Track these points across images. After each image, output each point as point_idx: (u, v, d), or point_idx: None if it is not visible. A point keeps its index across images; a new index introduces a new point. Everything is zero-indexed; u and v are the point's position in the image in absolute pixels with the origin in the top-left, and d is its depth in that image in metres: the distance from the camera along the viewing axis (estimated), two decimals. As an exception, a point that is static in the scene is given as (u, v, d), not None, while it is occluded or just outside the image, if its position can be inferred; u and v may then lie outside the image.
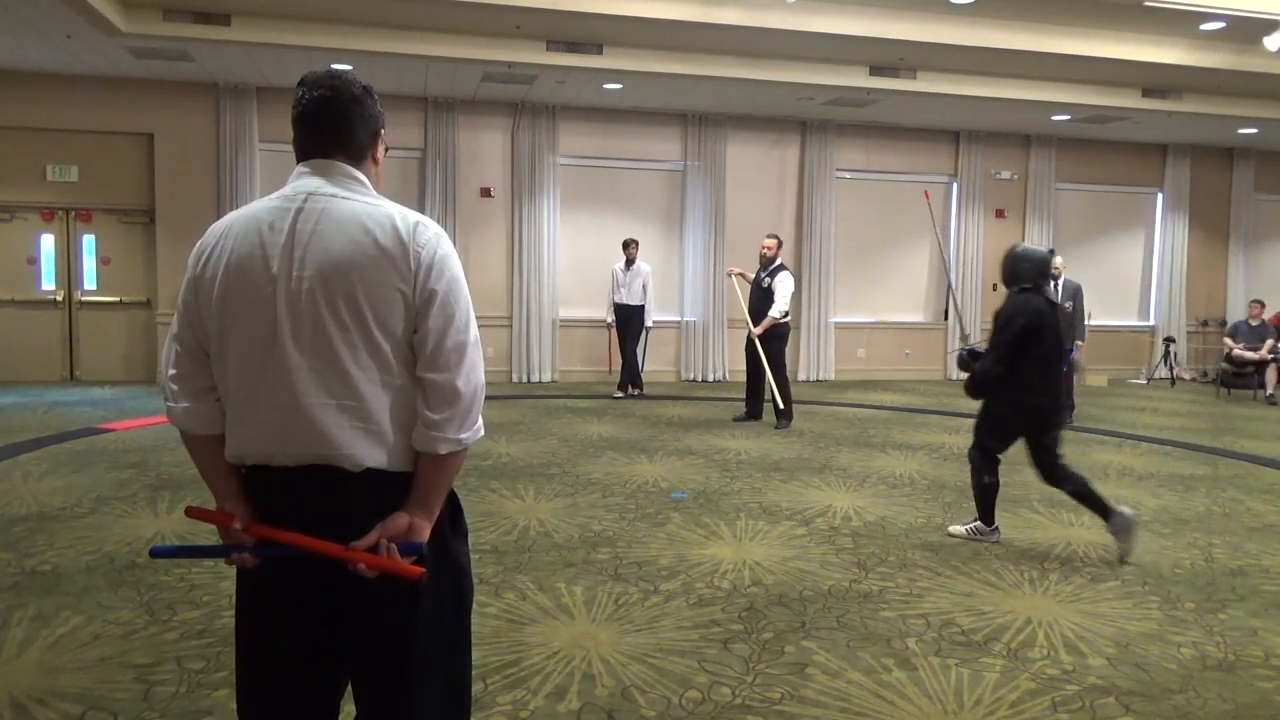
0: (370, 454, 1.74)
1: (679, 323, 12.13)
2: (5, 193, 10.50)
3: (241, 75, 10.32)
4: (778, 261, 8.63)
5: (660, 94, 10.87)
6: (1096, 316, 13.29)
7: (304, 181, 1.83)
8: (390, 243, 1.74)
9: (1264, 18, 8.47)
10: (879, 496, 6.00)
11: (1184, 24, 9.05)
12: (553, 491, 5.93)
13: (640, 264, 10.28)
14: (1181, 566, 4.68)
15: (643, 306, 10.24)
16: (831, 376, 12.56)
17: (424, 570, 1.72)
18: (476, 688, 3.12)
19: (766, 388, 8.57)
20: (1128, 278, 14.02)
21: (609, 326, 10.40)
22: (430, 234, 1.80)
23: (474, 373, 1.78)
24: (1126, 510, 4.75)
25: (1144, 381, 13.55)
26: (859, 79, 10.11)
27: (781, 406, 8.49)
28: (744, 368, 8.70)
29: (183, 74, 10.26)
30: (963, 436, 8.38)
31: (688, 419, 8.97)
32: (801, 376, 12.47)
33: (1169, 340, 13.48)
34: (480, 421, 1.82)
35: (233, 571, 4.41)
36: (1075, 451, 7.77)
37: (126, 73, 10.17)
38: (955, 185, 13.04)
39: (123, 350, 10.92)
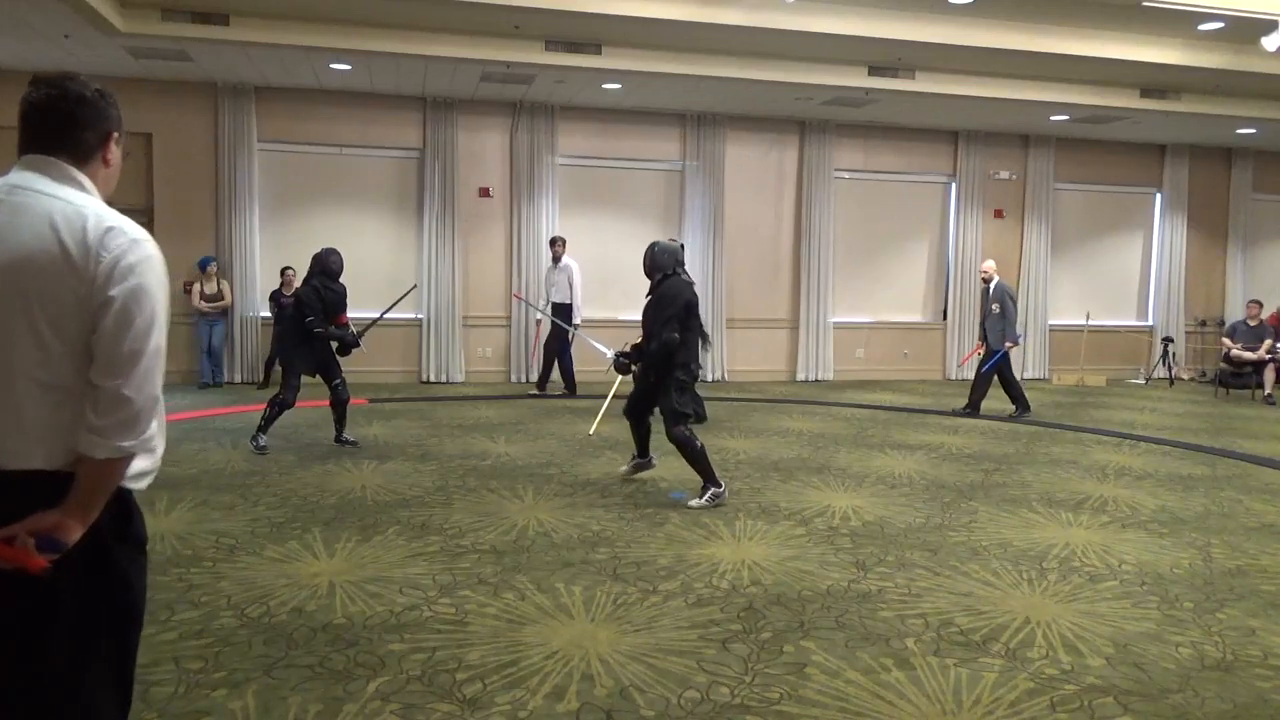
0: (27, 452, 1.73)
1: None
2: (3, 192, 10.48)
3: (240, 75, 10.32)
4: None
5: (659, 94, 10.87)
6: (1095, 316, 13.34)
7: (14, 175, 1.81)
8: (74, 243, 1.72)
9: (1262, 18, 8.48)
10: (878, 496, 6.01)
11: (1182, 24, 9.06)
12: (551, 491, 5.93)
13: (566, 261, 10.28)
14: (1180, 566, 4.68)
15: (570, 305, 10.22)
16: (830, 376, 12.56)
17: (47, 565, 1.69)
18: (475, 688, 3.13)
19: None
20: (1126, 278, 14.03)
21: (537, 324, 10.52)
22: (123, 240, 1.74)
23: (146, 383, 1.74)
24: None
25: (1143, 381, 13.56)
26: (858, 79, 10.11)
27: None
28: (745, 367, 8.74)
29: (181, 74, 10.26)
30: (962, 436, 8.39)
31: (686, 419, 8.97)
32: (800, 376, 12.48)
33: (1167, 340, 13.49)
34: (151, 432, 1.77)
35: (233, 572, 4.41)
36: (1075, 451, 7.78)
37: (125, 72, 10.14)
38: (954, 185, 13.04)
39: (121, 350, 10.89)
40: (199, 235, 10.78)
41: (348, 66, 9.73)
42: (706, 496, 5.62)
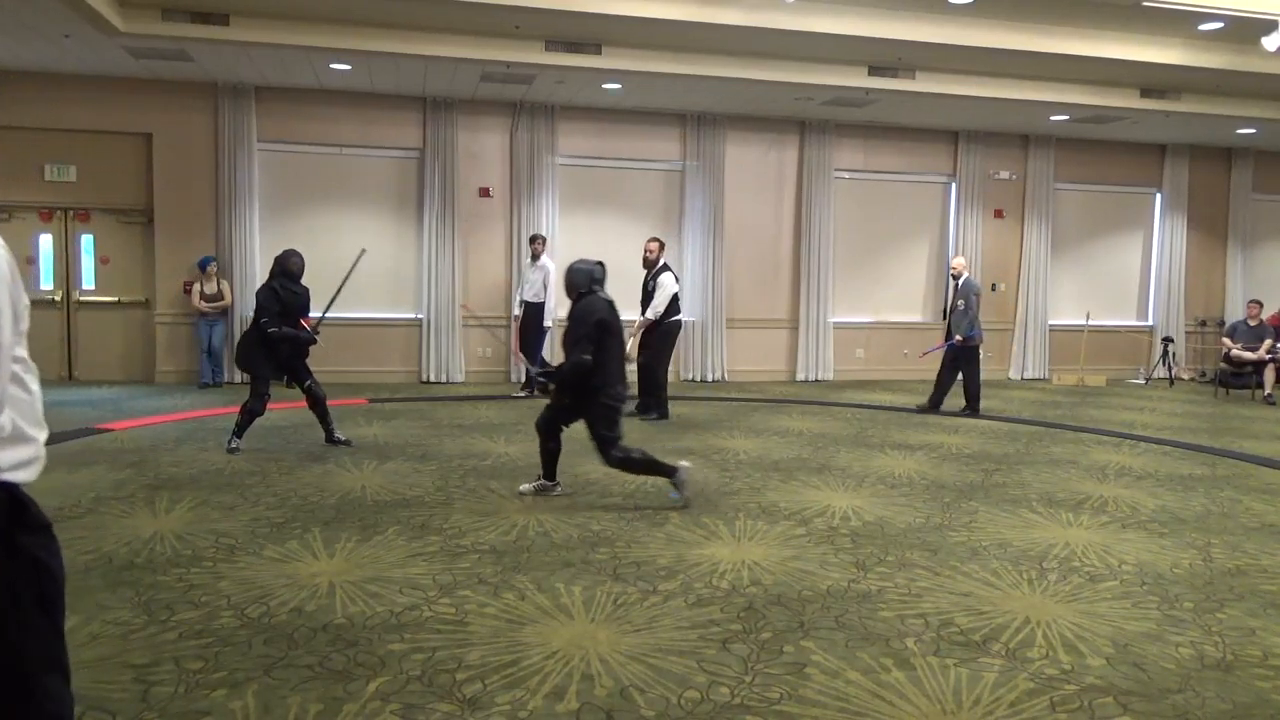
0: None
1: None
2: (3, 192, 10.49)
3: (240, 75, 10.32)
4: (661, 263, 8.69)
5: (659, 94, 10.87)
6: (1095, 316, 13.35)
7: None
8: None
9: (1262, 18, 8.48)
10: (878, 496, 6.01)
11: (1182, 24, 9.06)
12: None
13: (543, 260, 10.23)
14: (1180, 566, 4.69)
15: (543, 304, 10.16)
16: (830, 376, 12.56)
17: None
18: (475, 688, 3.12)
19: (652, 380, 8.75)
20: (1126, 278, 14.03)
21: (514, 320, 10.44)
22: None
23: None
24: (685, 464, 5.59)
25: (1143, 381, 13.56)
26: (858, 79, 10.11)
27: (637, 397, 8.69)
28: (745, 367, 8.71)
29: (181, 74, 10.26)
30: (962, 436, 8.39)
31: (686, 419, 8.97)
32: (800, 376, 12.48)
33: (1167, 340, 13.50)
34: None
35: (233, 572, 4.42)
36: (1075, 451, 7.78)
37: (125, 72, 10.16)
38: (954, 185, 13.04)
39: (121, 350, 10.91)
40: (199, 235, 10.78)
41: (348, 66, 9.73)
42: (675, 482, 5.56)
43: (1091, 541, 5.08)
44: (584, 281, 5.67)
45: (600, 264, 5.79)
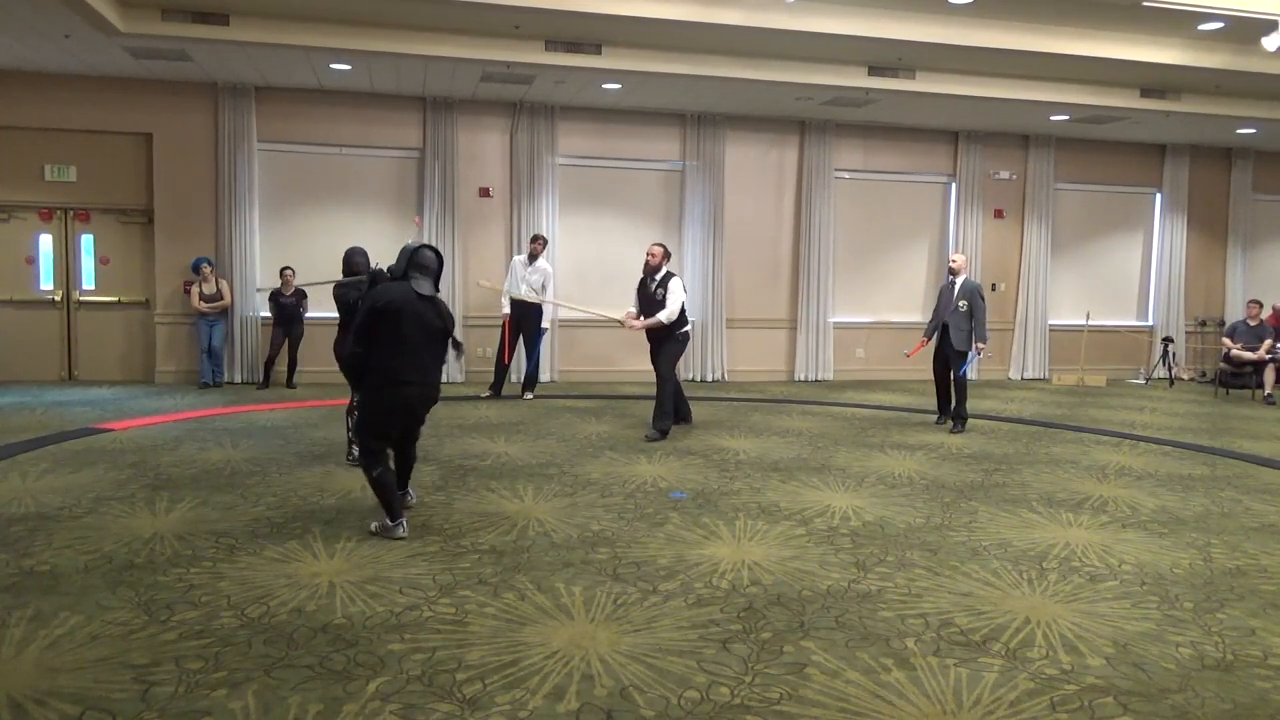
0: None
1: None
2: (3, 192, 10.48)
3: (240, 75, 10.31)
4: (664, 269, 8.15)
5: (659, 94, 10.87)
6: (1095, 316, 13.35)
7: None
8: None
9: (1262, 18, 8.48)
10: (877, 496, 6.01)
11: (1182, 24, 9.06)
12: (551, 491, 5.93)
13: (541, 262, 10.12)
14: (1180, 566, 4.69)
15: (540, 306, 10.05)
16: (830, 376, 12.56)
17: None
18: (475, 688, 3.12)
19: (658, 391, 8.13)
20: (1126, 278, 14.03)
21: (504, 319, 10.14)
22: None
23: None
24: (403, 527, 4.86)
25: (1143, 381, 13.56)
26: (858, 79, 10.11)
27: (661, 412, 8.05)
28: (744, 367, 8.59)
29: (181, 74, 10.25)
30: (962, 436, 8.38)
31: (686, 419, 8.97)
32: (799, 376, 12.48)
33: (1167, 340, 13.49)
34: None
35: (233, 572, 4.42)
36: (1075, 451, 7.78)
37: (125, 72, 10.16)
38: (954, 185, 13.04)
39: (121, 350, 10.91)
40: (199, 235, 10.78)
41: (348, 66, 9.73)
42: (375, 525, 4.92)
43: (1091, 541, 5.08)
44: (396, 266, 5.24)
45: (426, 248, 5.26)
